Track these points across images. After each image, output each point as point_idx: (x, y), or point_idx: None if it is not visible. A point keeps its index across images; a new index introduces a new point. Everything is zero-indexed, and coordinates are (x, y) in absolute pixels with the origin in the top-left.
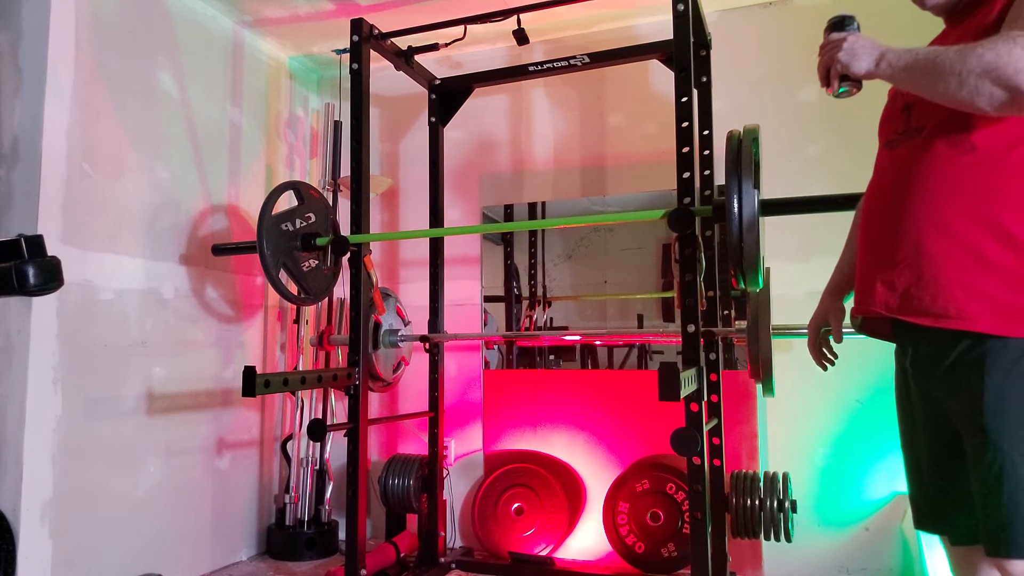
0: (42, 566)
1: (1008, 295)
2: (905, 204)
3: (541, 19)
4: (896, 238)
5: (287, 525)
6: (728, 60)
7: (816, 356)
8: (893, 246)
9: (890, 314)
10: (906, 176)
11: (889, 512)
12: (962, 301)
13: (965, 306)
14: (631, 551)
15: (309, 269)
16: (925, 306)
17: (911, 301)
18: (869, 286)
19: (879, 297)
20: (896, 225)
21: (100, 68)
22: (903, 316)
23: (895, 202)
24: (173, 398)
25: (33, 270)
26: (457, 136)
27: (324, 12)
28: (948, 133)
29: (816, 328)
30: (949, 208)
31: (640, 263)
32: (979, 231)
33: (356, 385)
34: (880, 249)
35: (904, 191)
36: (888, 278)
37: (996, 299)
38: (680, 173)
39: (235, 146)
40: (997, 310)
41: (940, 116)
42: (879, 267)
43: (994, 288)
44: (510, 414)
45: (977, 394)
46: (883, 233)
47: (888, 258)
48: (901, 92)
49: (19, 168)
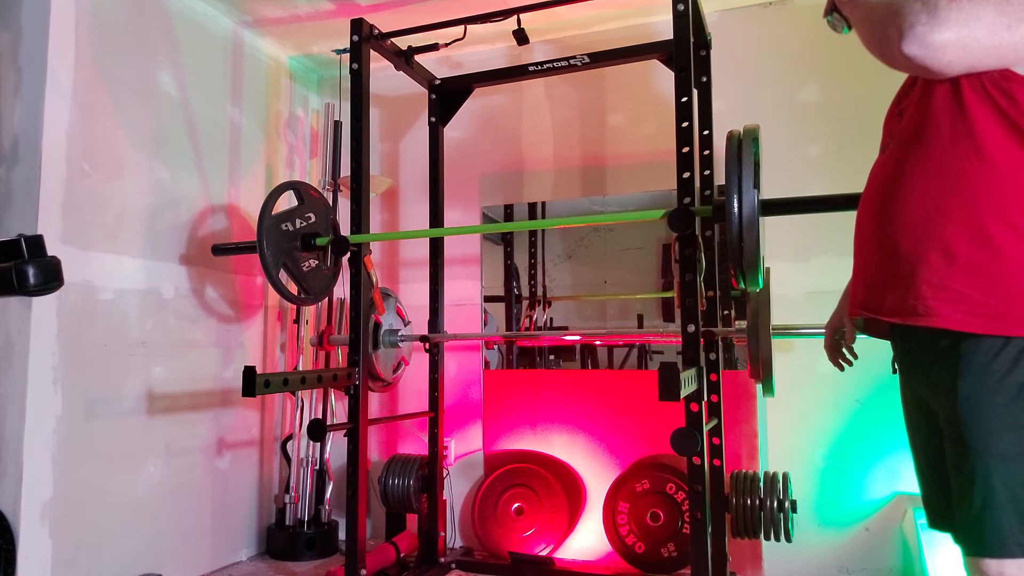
0: (42, 566)
1: (978, 293)
2: (885, 206)
3: (541, 19)
4: (876, 240)
5: (287, 525)
6: (728, 60)
7: (832, 357)
8: (874, 248)
9: (869, 314)
10: (887, 179)
11: (889, 512)
12: (930, 299)
13: (933, 303)
14: (631, 551)
15: (309, 269)
16: (898, 304)
17: (887, 300)
18: (856, 287)
19: (861, 298)
20: (877, 227)
21: (100, 68)
22: (880, 315)
23: (876, 205)
24: (173, 398)
25: (33, 270)
26: (457, 136)
27: (324, 12)
28: (920, 134)
29: (832, 329)
30: (921, 207)
31: (640, 263)
32: (950, 228)
33: (356, 385)
34: (865, 251)
35: (885, 193)
36: (869, 279)
37: (966, 296)
38: (680, 173)
39: (235, 146)
40: (967, 308)
41: (917, 117)
42: (863, 269)
43: (964, 285)
44: (510, 414)
45: (952, 396)
46: (867, 236)
47: (869, 260)
48: (899, 95)
49: (19, 168)
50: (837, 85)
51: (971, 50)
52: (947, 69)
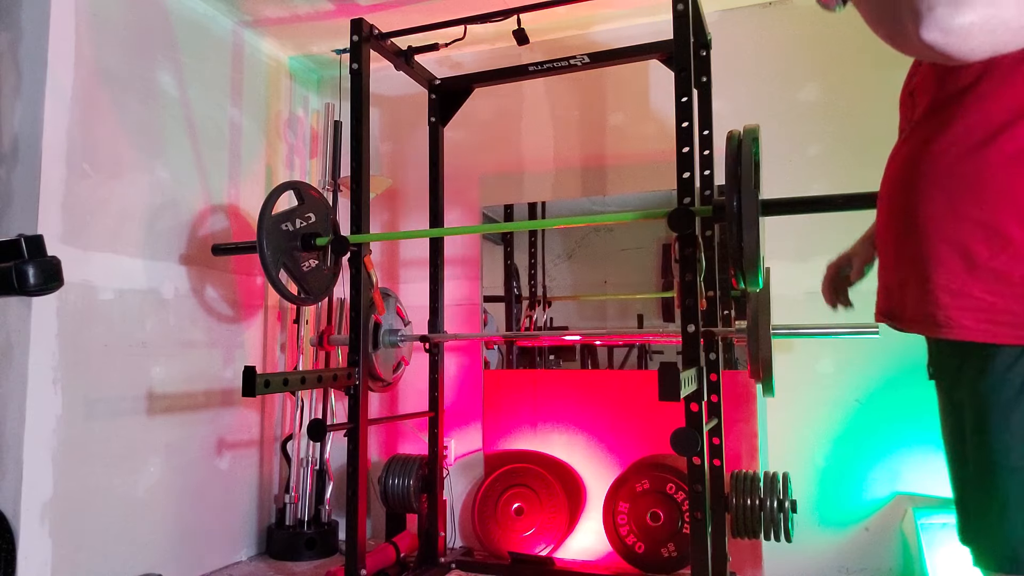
0: (42, 566)
1: (1001, 299)
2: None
3: (541, 19)
4: (894, 241)
5: (287, 525)
6: (728, 60)
7: (830, 296)
8: (891, 249)
9: (891, 323)
10: (901, 171)
11: (889, 512)
12: (951, 308)
13: (955, 314)
14: (631, 551)
15: (309, 269)
16: (918, 314)
17: (906, 307)
18: (879, 290)
19: (882, 303)
20: (895, 226)
21: (100, 68)
22: (901, 325)
23: (892, 200)
24: (173, 398)
25: (33, 270)
26: (457, 136)
27: (324, 12)
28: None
29: (837, 267)
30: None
31: (640, 263)
32: (966, 228)
33: (356, 385)
34: (882, 252)
35: (900, 188)
36: (887, 282)
37: (988, 304)
38: (680, 173)
39: (235, 146)
40: (990, 316)
41: (927, 101)
42: (882, 269)
43: (985, 291)
44: (510, 414)
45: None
46: (885, 236)
47: (885, 261)
48: (909, 75)
49: (19, 168)
50: (837, 85)
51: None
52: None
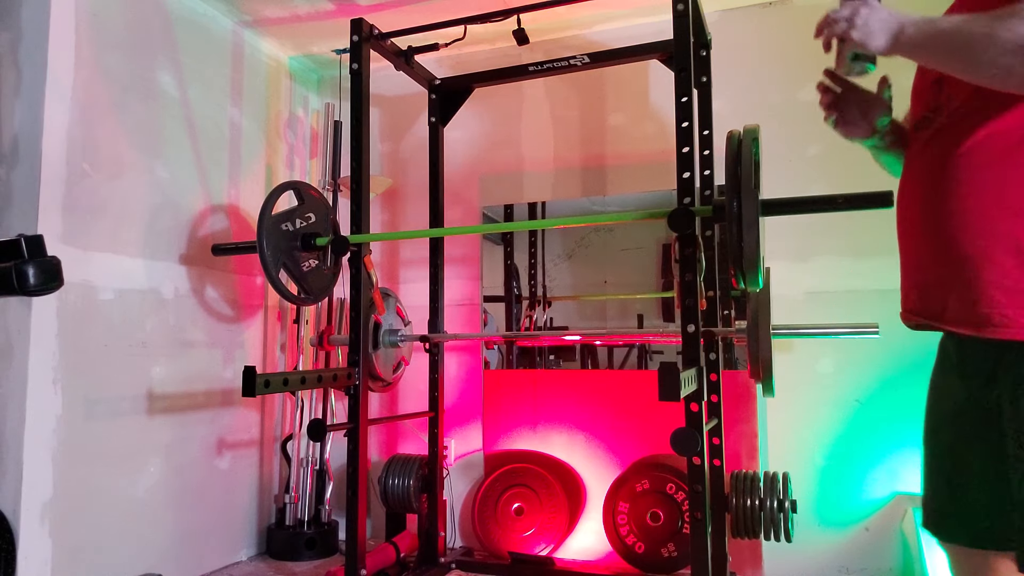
0: (42, 566)
1: None
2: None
3: (541, 19)
4: (928, 238)
5: (287, 525)
6: (728, 60)
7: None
8: (925, 247)
9: (927, 321)
10: (935, 164)
11: (889, 512)
12: (1007, 306)
13: (1011, 312)
14: (631, 551)
15: (309, 269)
16: (965, 312)
17: (948, 306)
18: (907, 290)
19: (914, 303)
20: (928, 222)
21: (100, 68)
22: (942, 324)
23: (925, 195)
24: (173, 398)
25: (33, 270)
26: (457, 136)
27: (324, 12)
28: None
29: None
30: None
31: (640, 263)
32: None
33: (356, 385)
34: (912, 250)
35: (934, 181)
36: (922, 280)
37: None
38: (680, 173)
39: (235, 146)
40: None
41: (971, 89)
42: (914, 269)
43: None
44: (510, 414)
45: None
46: (915, 231)
47: (921, 259)
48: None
49: (19, 168)
50: None
51: None
52: None
